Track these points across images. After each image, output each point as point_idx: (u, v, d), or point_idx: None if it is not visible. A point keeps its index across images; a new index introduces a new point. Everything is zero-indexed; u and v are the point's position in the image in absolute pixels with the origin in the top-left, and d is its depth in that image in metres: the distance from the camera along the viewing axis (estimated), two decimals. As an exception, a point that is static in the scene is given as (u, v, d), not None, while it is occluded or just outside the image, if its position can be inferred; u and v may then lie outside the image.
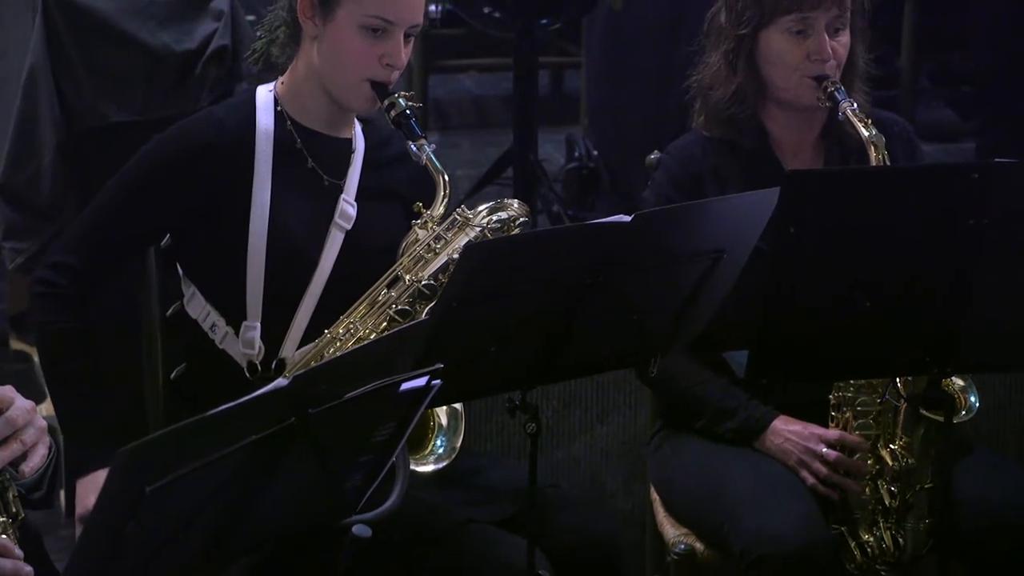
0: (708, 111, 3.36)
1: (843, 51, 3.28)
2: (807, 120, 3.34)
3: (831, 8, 3.25)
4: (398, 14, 3.06)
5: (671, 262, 2.87)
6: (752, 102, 3.32)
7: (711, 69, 3.35)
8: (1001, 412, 4.15)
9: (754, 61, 3.30)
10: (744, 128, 3.33)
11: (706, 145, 3.36)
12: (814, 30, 3.25)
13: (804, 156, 3.35)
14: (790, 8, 3.25)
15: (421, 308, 3.02)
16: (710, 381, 3.31)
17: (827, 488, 3.20)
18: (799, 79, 3.27)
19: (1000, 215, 2.80)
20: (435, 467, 3.03)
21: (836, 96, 3.22)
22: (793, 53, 3.26)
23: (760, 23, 3.28)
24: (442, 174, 3.06)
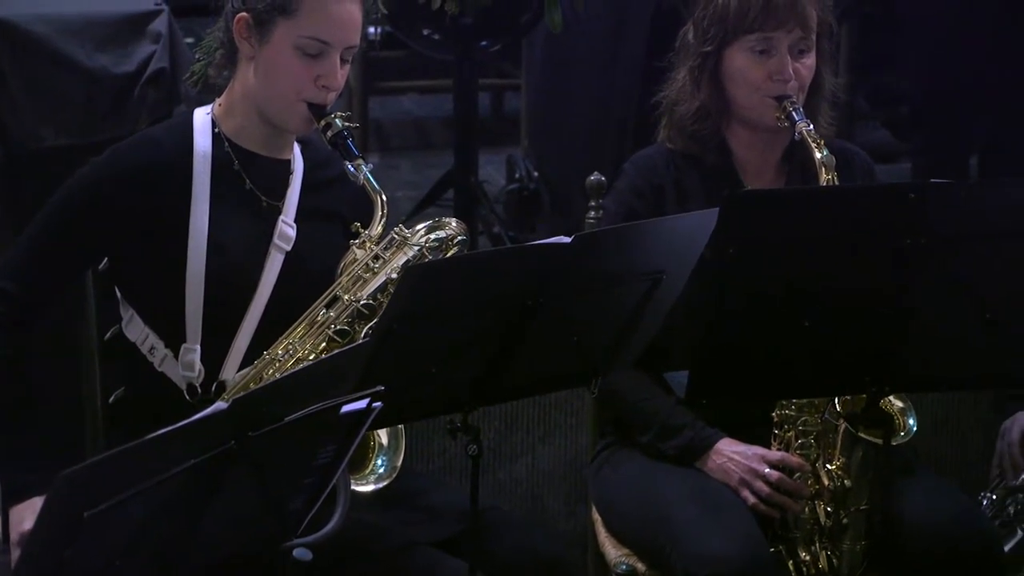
0: (673, 126, 3.38)
1: (807, 73, 3.30)
2: (770, 141, 3.36)
3: (795, 29, 3.28)
4: (334, 36, 3.06)
5: (611, 283, 2.88)
6: (716, 119, 3.35)
7: (677, 85, 3.38)
8: (939, 431, 4.18)
9: (718, 79, 3.33)
10: (708, 145, 3.36)
11: (669, 157, 3.38)
12: (777, 51, 3.28)
13: (766, 177, 3.38)
14: (753, 28, 3.27)
15: (360, 328, 3.02)
16: (658, 397, 3.32)
17: (768, 507, 3.21)
18: (760, 98, 3.29)
19: (937, 235, 2.83)
20: (376, 487, 3.02)
21: (793, 116, 3.25)
22: (755, 72, 3.28)
23: (724, 41, 3.30)
24: (380, 194, 3.06)
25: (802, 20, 3.27)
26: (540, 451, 4.18)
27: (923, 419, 3.22)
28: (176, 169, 3.11)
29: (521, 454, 4.18)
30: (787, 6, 3.25)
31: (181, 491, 2.29)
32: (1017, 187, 3.03)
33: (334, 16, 3.06)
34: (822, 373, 2.97)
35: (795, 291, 2.87)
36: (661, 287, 2.90)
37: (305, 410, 2.37)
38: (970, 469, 4.11)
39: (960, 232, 2.85)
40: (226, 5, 3.14)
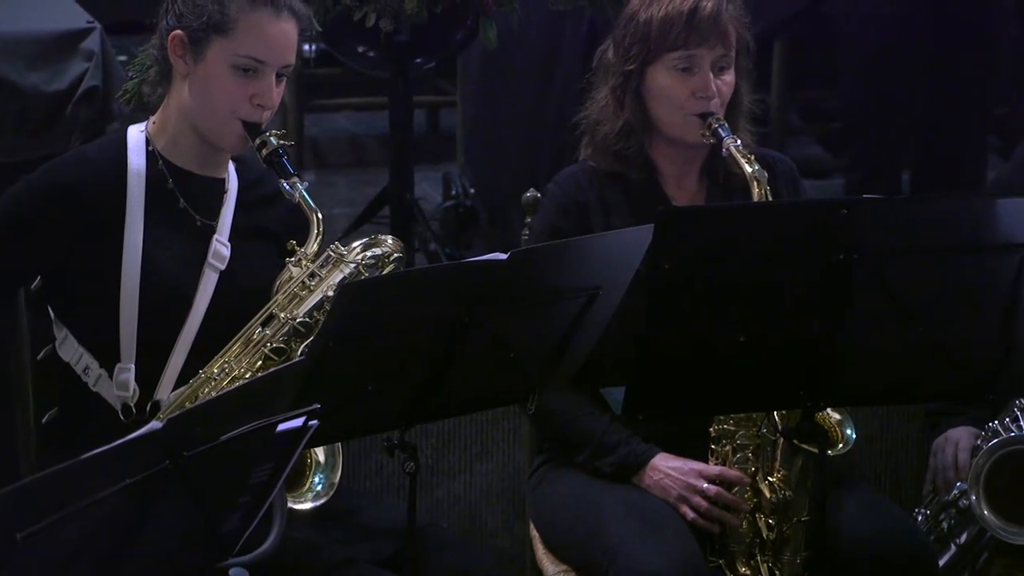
0: (596, 145, 3.39)
1: (728, 89, 3.32)
2: (691, 155, 3.38)
3: (716, 47, 3.30)
4: (269, 54, 3.06)
5: (548, 299, 2.89)
6: (639, 137, 3.36)
7: (599, 104, 3.39)
8: (872, 444, 4.21)
9: (641, 97, 3.34)
10: (632, 162, 3.37)
11: (592, 175, 3.39)
12: (699, 68, 3.30)
13: (690, 190, 3.39)
14: (675, 45, 3.29)
15: (296, 346, 3.01)
16: (592, 415, 3.33)
17: (707, 522, 3.22)
18: (684, 116, 3.31)
19: (869, 250, 2.85)
20: (313, 504, 3.01)
21: (720, 133, 3.27)
22: (678, 90, 3.30)
23: (646, 60, 3.32)
24: (315, 212, 3.06)
25: (724, 37, 3.30)
26: (478, 468, 4.18)
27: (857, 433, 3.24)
28: (109, 187, 3.09)
29: (459, 471, 4.18)
30: (709, 24, 3.28)
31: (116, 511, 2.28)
32: (948, 202, 3.06)
33: (269, 35, 3.06)
34: (757, 388, 2.99)
35: (729, 306, 2.88)
36: (597, 303, 2.91)
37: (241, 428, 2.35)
38: (904, 485, 4.14)
39: (893, 247, 2.87)
40: (160, 23, 3.13)
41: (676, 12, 3.28)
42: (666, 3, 3.29)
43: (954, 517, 3.48)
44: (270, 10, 3.06)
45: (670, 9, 3.28)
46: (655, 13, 3.29)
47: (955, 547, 3.48)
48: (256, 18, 3.05)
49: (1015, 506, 3.33)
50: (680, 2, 3.28)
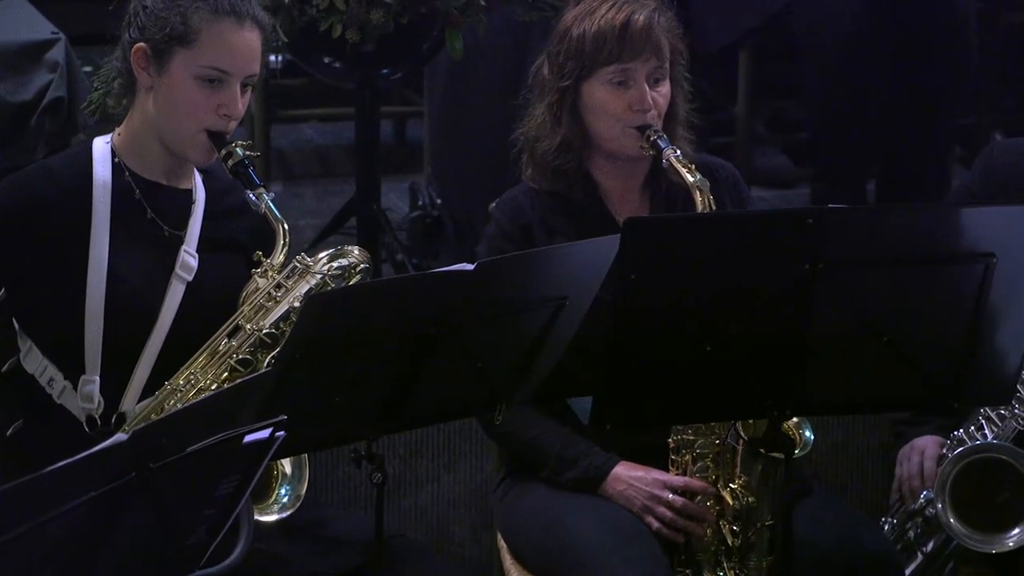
0: (535, 163, 3.40)
1: (663, 101, 3.33)
2: (631, 169, 3.39)
3: (650, 59, 3.31)
4: (234, 64, 3.05)
5: (514, 309, 2.89)
6: (578, 153, 3.37)
7: (536, 121, 3.39)
8: (839, 453, 4.22)
9: (578, 112, 3.35)
10: (571, 179, 3.37)
11: (534, 197, 3.40)
12: (634, 81, 3.31)
13: (631, 204, 3.40)
14: (609, 60, 3.30)
15: (263, 357, 3.00)
16: (550, 431, 3.33)
17: (672, 532, 3.23)
18: (622, 129, 3.32)
19: (834, 259, 2.86)
20: (279, 516, 3.00)
21: (659, 144, 3.28)
22: (615, 104, 3.31)
23: (581, 75, 3.32)
24: (281, 223, 3.05)
25: (657, 49, 3.31)
26: (445, 479, 4.18)
27: (823, 443, 3.25)
28: (75, 199, 3.08)
29: (426, 482, 4.17)
30: (642, 36, 3.29)
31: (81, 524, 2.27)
32: (913, 211, 3.07)
33: (233, 45, 3.05)
34: (724, 397, 2.99)
35: (696, 316, 2.89)
36: (564, 313, 2.91)
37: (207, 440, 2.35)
38: (870, 494, 4.15)
39: (858, 256, 2.88)
40: (123, 35, 3.12)
41: (609, 26, 3.28)
42: (598, 18, 3.30)
43: (920, 526, 3.49)
44: (233, 20, 3.05)
45: (602, 24, 3.29)
46: (588, 28, 3.30)
47: (921, 555, 3.49)
48: (219, 28, 3.05)
49: (981, 514, 3.35)
50: (612, 16, 3.29)
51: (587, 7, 3.33)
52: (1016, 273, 2.88)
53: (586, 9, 3.33)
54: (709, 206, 3.23)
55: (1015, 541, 3.30)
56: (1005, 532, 3.32)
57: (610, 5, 3.31)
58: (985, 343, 2.94)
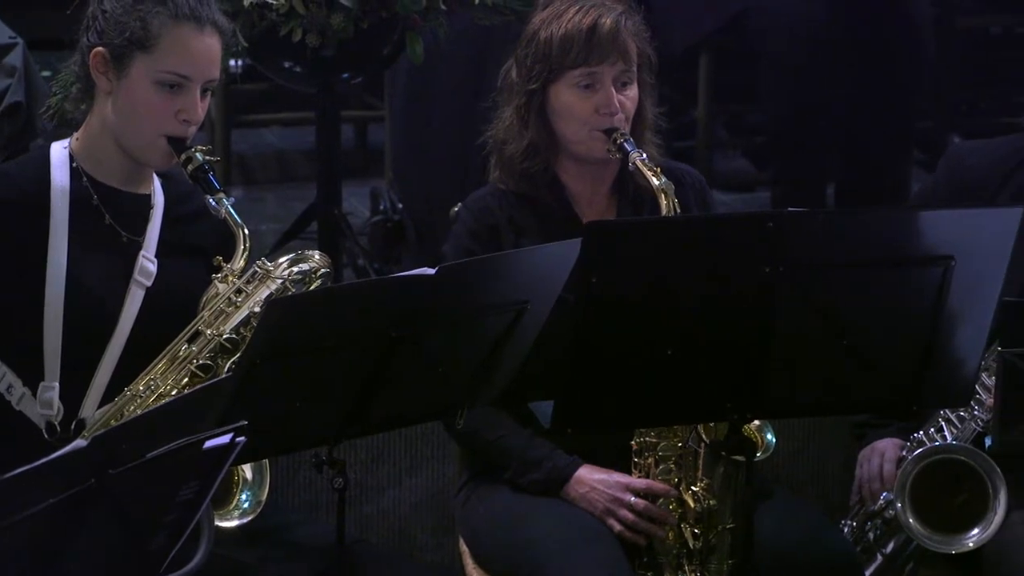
0: (503, 165, 3.40)
1: (631, 104, 3.34)
2: (599, 172, 3.40)
3: (617, 62, 3.32)
4: (193, 69, 3.04)
5: (476, 314, 2.89)
6: (545, 156, 3.37)
7: (504, 124, 3.40)
8: (799, 455, 4.23)
9: (545, 115, 3.36)
10: (539, 181, 3.38)
11: (502, 197, 3.40)
12: (601, 84, 3.32)
13: (598, 207, 3.41)
14: (577, 63, 3.30)
15: (223, 362, 2.99)
16: (514, 432, 3.33)
17: (634, 535, 3.23)
18: (589, 132, 3.32)
19: (794, 262, 2.87)
20: (240, 522, 3.00)
21: (625, 147, 3.29)
22: (582, 107, 3.32)
23: (549, 78, 3.33)
24: (242, 228, 3.04)
25: (624, 53, 3.32)
26: (407, 483, 4.17)
27: (783, 445, 3.26)
28: (33, 205, 3.06)
29: (388, 486, 4.17)
30: (609, 40, 3.30)
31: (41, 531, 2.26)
32: (873, 214, 3.09)
33: (193, 50, 3.04)
34: (685, 401, 3.00)
35: (657, 320, 2.89)
36: (526, 317, 2.91)
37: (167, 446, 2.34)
38: (830, 495, 4.16)
39: (818, 260, 2.90)
40: (81, 39, 3.11)
41: (576, 30, 3.29)
42: (565, 21, 3.31)
43: (880, 527, 3.50)
44: (193, 24, 3.05)
45: (570, 27, 3.30)
46: (555, 32, 3.31)
47: (881, 557, 3.50)
48: (179, 33, 3.04)
49: (940, 515, 3.37)
50: (579, 20, 3.30)
51: (555, 10, 3.34)
52: (974, 276, 2.90)
53: (554, 12, 3.34)
54: (673, 209, 3.24)
55: (974, 541, 3.32)
56: (964, 533, 3.33)
57: (577, 8, 3.32)
58: (944, 345, 2.96)
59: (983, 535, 3.30)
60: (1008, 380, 3.01)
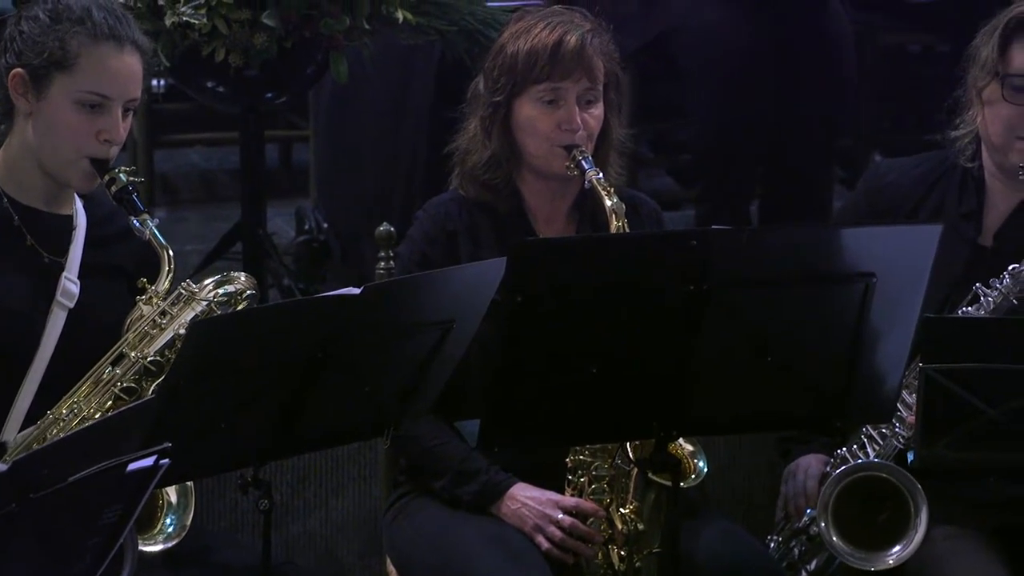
0: (465, 175, 3.41)
1: (594, 123, 3.36)
2: (560, 189, 3.41)
3: (582, 80, 3.33)
4: (114, 89, 3.03)
5: (402, 332, 2.89)
6: (507, 168, 3.39)
7: (469, 135, 3.41)
8: (725, 473, 4.25)
9: (509, 128, 3.37)
10: (500, 193, 3.39)
11: (462, 204, 3.41)
12: (565, 101, 3.33)
13: (557, 224, 3.42)
14: (541, 78, 3.32)
15: (148, 385, 2.98)
16: (453, 442, 3.33)
17: (561, 553, 3.24)
18: (550, 147, 3.34)
19: (719, 280, 2.88)
20: (165, 546, 2.98)
21: (583, 165, 3.30)
22: (544, 122, 3.33)
23: (513, 92, 3.35)
24: (166, 249, 3.03)
25: (589, 71, 3.34)
26: (333, 504, 4.16)
27: (710, 463, 3.28)
28: (-48, 226, 3.03)
29: (314, 508, 4.15)
30: (574, 57, 3.32)
31: (-39, 557, 2.23)
32: (795, 232, 3.11)
33: (113, 69, 3.03)
34: (611, 419, 3.01)
35: (583, 338, 2.90)
36: (452, 336, 2.91)
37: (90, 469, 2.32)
38: (756, 513, 4.18)
39: (742, 277, 2.91)
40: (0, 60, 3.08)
41: (541, 45, 3.31)
42: (532, 36, 3.33)
43: (805, 544, 3.52)
44: (112, 44, 3.03)
45: (536, 42, 3.32)
46: (521, 46, 3.33)
47: (806, 573, 3.52)
48: (98, 53, 3.02)
49: (863, 532, 3.39)
50: (546, 36, 3.32)
51: (524, 25, 3.37)
52: (895, 292, 2.93)
53: (523, 27, 3.36)
54: (622, 231, 3.26)
55: (895, 559, 3.34)
56: (886, 550, 3.36)
57: (545, 24, 3.34)
58: (866, 362, 2.98)
59: (904, 552, 3.33)
60: (929, 396, 3.04)
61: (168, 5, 4.07)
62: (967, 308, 3.37)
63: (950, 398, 3.01)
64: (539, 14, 3.40)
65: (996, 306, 3.35)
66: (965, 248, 3.48)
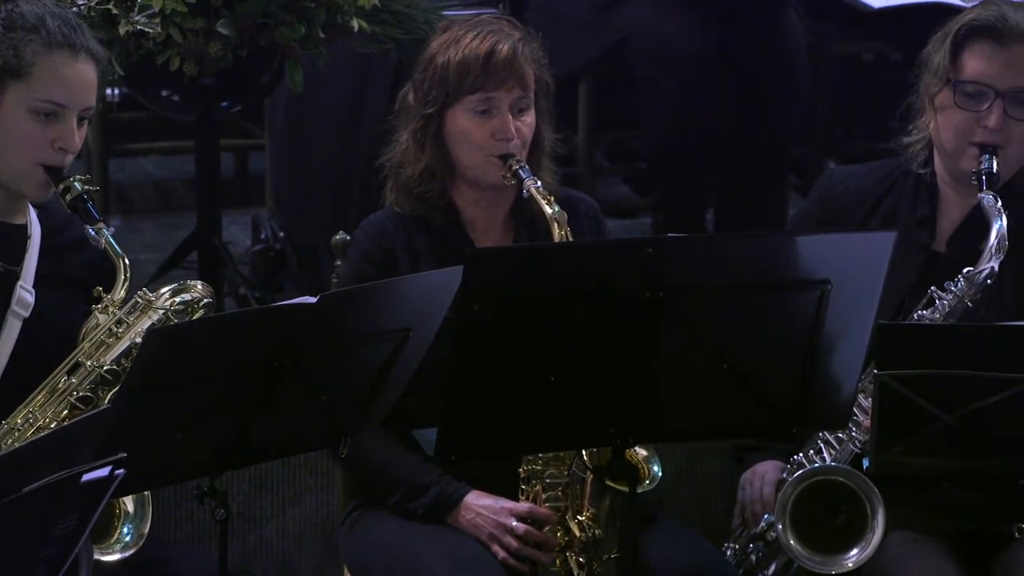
0: (399, 189, 3.41)
1: (528, 131, 3.36)
2: (496, 198, 3.41)
3: (514, 88, 3.34)
4: (69, 97, 3.02)
5: (359, 341, 2.89)
6: (441, 180, 3.38)
7: (401, 147, 3.41)
8: (682, 480, 4.26)
9: (442, 140, 3.36)
10: (434, 206, 3.39)
11: (398, 221, 3.41)
12: (498, 110, 3.33)
13: (494, 234, 3.42)
14: (474, 88, 3.32)
15: (104, 394, 2.97)
16: (402, 457, 3.32)
17: (517, 561, 3.24)
18: (485, 157, 3.34)
19: (675, 288, 2.89)
20: (121, 556, 2.97)
21: (520, 174, 3.30)
22: (478, 132, 3.33)
23: (446, 103, 3.34)
24: (122, 258, 3.02)
25: (521, 79, 3.34)
26: (290, 513, 4.15)
27: (666, 469, 3.29)
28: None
29: (271, 517, 4.14)
30: (506, 66, 3.32)
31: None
32: (750, 240, 3.13)
33: (68, 78, 3.02)
34: (568, 427, 3.01)
35: (539, 346, 2.91)
36: (408, 345, 2.91)
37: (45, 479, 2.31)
38: (713, 519, 4.19)
39: (698, 285, 2.92)
40: (-47, 70, 3.07)
41: (473, 55, 3.31)
42: (463, 47, 3.32)
43: (762, 549, 3.54)
44: (67, 52, 3.02)
45: (467, 52, 3.32)
46: (452, 57, 3.32)
47: (763, 579, 3.54)
48: (53, 61, 3.01)
49: (820, 536, 3.40)
50: (477, 45, 3.32)
51: (453, 35, 3.36)
52: (849, 299, 2.95)
53: (452, 37, 3.35)
54: (566, 239, 3.26)
55: (853, 562, 3.36)
56: (844, 553, 3.37)
57: (475, 34, 3.34)
58: (822, 368, 3.00)
59: (862, 555, 3.35)
60: (883, 402, 3.05)
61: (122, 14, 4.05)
62: (922, 312, 3.39)
63: (905, 404, 3.03)
64: (467, 24, 3.39)
65: (951, 309, 3.37)
66: (919, 254, 3.50)
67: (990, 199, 3.39)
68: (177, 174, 6.13)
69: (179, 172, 6.10)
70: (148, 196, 6.11)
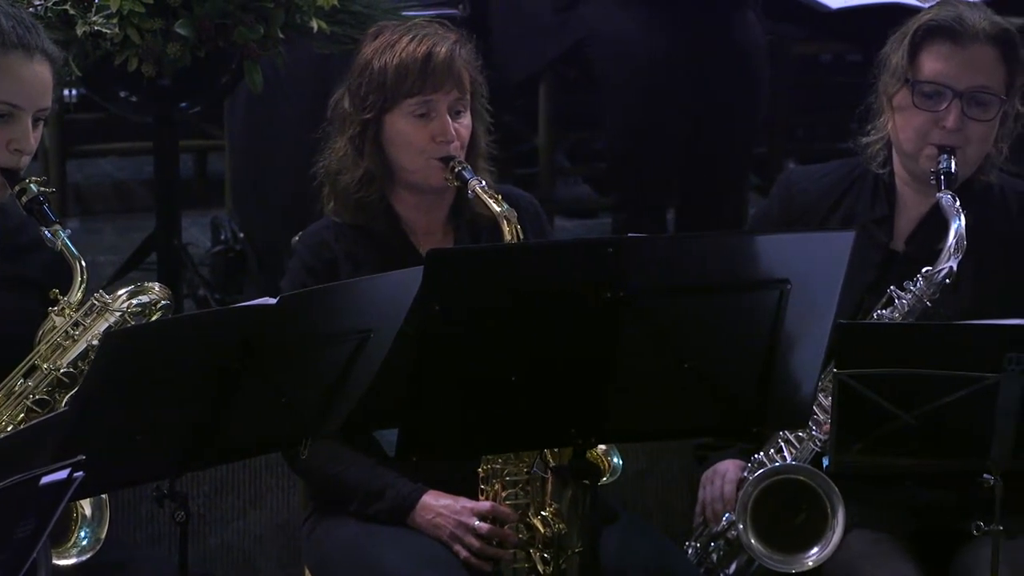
0: (337, 197, 3.40)
1: (466, 132, 3.37)
2: (435, 201, 3.41)
3: (452, 91, 3.34)
4: (24, 98, 3.01)
5: (319, 342, 2.88)
6: (380, 185, 3.38)
7: (338, 154, 3.40)
8: (643, 479, 4.27)
9: (380, 145, 3.36)
10: (374, 212, 3.38)
11: (337, 230, 3.40)
12: (437, 112, 3.33)
13: (434, 237, 3.42)
14: (412, 92, 3.32)
15: (61, 397, 2.96)
16: (355, 464, 3.32)
17: (480, 560, 3.24)
18: (426, 161, 3.34)
19: (635, 288, 2.89)
20: (79, 560, 2.96)
21: (464, 175, 3.30)
22: (418, 136, 3.33)
23: (384, 107, 3.34)
24: (78, 259, 3.01)
25: (459, 81, 3.35)
26: (251, 515, 4.13)
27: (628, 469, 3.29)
28: None
29: (232, 519, 4.12)
30: (444, 69, 3.32)
31: None
32: (711, 239, 3.13)
33: (22, 78, 3.01)
34: (530, 427, 3.01)
35: (500, 346, 2.90)
36: (369, 345, 2.91)
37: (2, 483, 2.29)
38: (674, 518, 4.20)
39: (658, 285, 2.93)
40: (-94, 71, 3.05)
41: (411, 59, 3.31)
42: (400, 50, 3.32)
43: (723, 548, 3.54)
44: (21, 53, 3.01)
45: (404, 56, 3.31)
46: (389, 61, 3.32)
47: (725, 578, 3.55)
48: (7, 62, 3.00)
49: (781, 535, 3.41)
50: (414, 49, 3.32)
51: (387, 40, 3.35)
52: (809, 298, 2.95)
53: (387, 42, 3.34)
54: (516, 236, 3.26)
55: (814, 560, 3.37)
56: (804, 551, 3.39)
57: (411, 38, 3.33)
58: (782, 368, 3.01)
59: (822, 553, 3.36)
60: (842, 402, 3.06)
61: (79, 14, 4.03)
62: (882, 311, 3.41)
63: (864, 403, 3.04)
64: (400, 28, 3.39)
65: (910, 308, 3.39)
66: (878, 253, 3.52)
67: (948, 199, 3.41)
68: (136, 175, 6.11)
69: (138, 173, 6.08)
70: (106, 197, 6.08)
